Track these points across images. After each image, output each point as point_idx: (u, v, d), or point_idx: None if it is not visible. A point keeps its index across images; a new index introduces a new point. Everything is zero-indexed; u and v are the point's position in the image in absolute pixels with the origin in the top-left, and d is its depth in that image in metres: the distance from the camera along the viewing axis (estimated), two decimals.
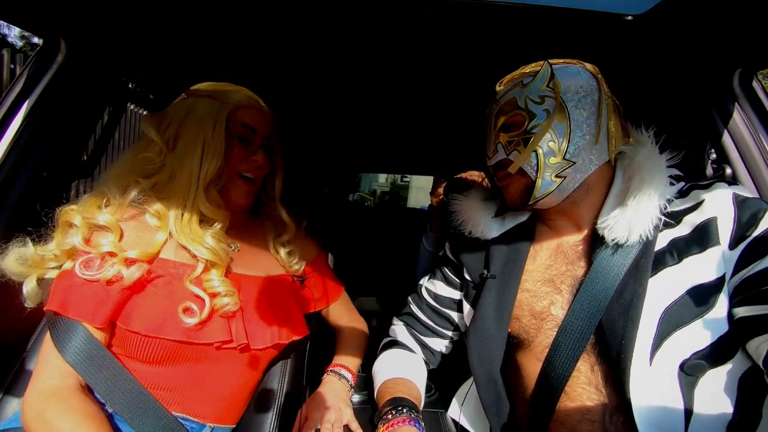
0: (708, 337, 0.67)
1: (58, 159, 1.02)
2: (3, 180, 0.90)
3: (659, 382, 0.67)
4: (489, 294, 0.86)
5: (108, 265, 0.75)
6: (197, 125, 0.84)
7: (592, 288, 0.75)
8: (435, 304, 1.01)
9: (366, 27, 0.94)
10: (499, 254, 0.89)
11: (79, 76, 1.02)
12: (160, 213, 0.83)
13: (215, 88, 0.91)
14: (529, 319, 0.82)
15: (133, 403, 0.74)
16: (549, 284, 0.83)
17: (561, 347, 0.75)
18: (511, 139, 0.81)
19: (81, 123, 1.08)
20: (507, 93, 0.83)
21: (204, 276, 0.81)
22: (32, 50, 1.65)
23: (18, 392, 0.84)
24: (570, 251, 0.84)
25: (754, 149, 0.96)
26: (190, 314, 0.78)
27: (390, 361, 0.98)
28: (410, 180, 12.88)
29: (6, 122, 0.92)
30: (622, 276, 0.74)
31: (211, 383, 0.83)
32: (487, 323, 0.84)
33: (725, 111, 1.00)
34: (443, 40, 0.97)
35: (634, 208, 0.74)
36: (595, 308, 0.74)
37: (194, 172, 0.82)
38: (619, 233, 0.74)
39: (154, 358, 0.77)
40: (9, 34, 6.64)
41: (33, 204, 0.93)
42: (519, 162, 0.79)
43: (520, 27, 0.89)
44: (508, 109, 0.82)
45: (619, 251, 0.75)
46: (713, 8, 0.75)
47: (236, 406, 0.89)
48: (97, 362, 0.74)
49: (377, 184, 13.46)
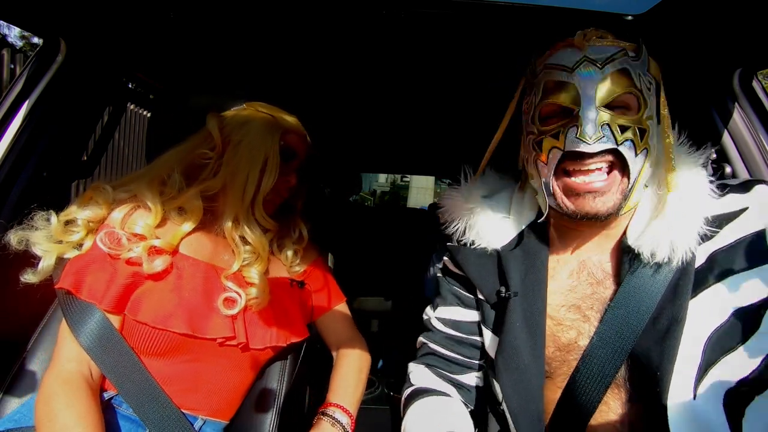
0: (755, 363, 0.59)
1: (58, 159, 1.02)
2: (3, 180, 0.90)
3: (704, 417, 0.58)
4: (514, 316, 0.71)
5: (132, 246, 0.78)
6: (259, 138, 0.88)
7: (622, 312, 0.65)
8: (456, 333, 0.84)
9: (366, 27, 0.94)
10: (515, 266, 0.75)
11: (79, 76, 1.02)
12: (190, 207, 0.84)
13: (267, 108, 0.96)
14: (553, 351, 0.71)
15: (141, 391, 0.76)
16: (575, 311, 0.71)
17: (582, 378, 0.66)
18: (626, 124, 0.63)
19: (81, 123, 1.08)
20: (614, 59, 0.64)
21: (244, 269, 0.87)
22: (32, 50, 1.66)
23: (18, 392, 0.84)
24: (596, 269, 0.72)
25: (754, 149, 0.96)
26: (230, 305, 0.82)
27: (424, 417, 0.76)
28: (410, 180, 12.88)
29: (6, 122, 0.92)
30: (658, 299, 0.64)
31: (208, 379, 0.84)
32: (519, 352, 0.70)
33: (725, 111, 1.00)
34: (443, 40, 0.97)
35: (678, 221, 0.64)
36: (626, 336, 0.64)
37: (252, 181, 0.85)
38: (661, 250, 0.64)
39: (158, 350, 0.78)
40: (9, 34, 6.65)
41: (33, 204, 0.94)
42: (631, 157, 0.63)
43: (520, 27, 0.89)
44: (619, 83, 0.64)
45: (655, 270, 0.65)
46: (713, 8, 0.75)
47: (231, 402, 0.89)
48: (110, 347, 0.75)
49: (377, 184, 13.47)
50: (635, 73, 0.65)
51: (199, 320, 0.80)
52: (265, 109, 0.95)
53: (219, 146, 0.89)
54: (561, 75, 0.66)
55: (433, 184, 12.00)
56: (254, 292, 0.85)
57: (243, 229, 0.86)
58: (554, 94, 0.67)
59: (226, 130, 0.90)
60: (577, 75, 0.65)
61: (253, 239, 0.87)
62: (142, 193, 0.82)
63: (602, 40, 0.67)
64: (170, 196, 0.85)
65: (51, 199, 0.98)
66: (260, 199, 0.87)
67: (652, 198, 0.70)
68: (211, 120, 0.91)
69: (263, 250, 0.89)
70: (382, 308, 2.18)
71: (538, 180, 0.71)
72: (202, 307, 0.81)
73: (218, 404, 0.86)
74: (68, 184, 1.10)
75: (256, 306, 0.86)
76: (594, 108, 0.63)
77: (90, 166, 1.20)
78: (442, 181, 4.51)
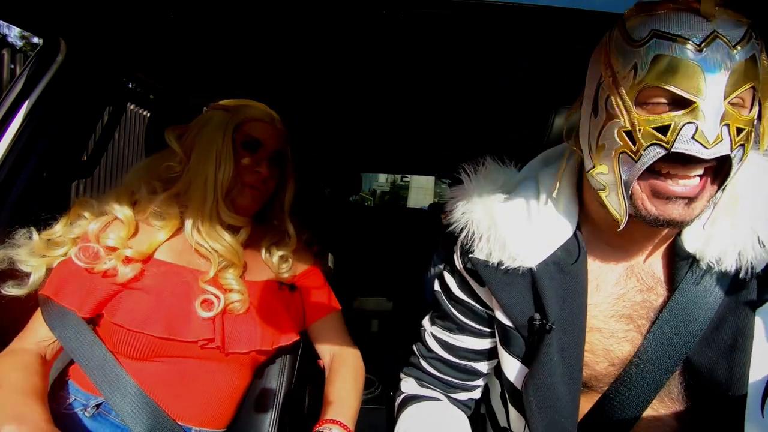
0: None
1: (58, 159, 1.02)
2: (3, 180, 0.90)
3: None
4: (550, 348, 0.63)
5: (106, 259, 0.80)
6: (210, 136, 0.88)
7: (677, 321, 0.59)
8: (453, 359, 0.76)
9: (366, 27, 0.94)
10: (551, 289, 0.63)
11: (79, 76, 1.02)
12: (167, 215, 0.86)
13: (232, 102, 0.95)
14: (606, 366, 0.64)
15: (128, 399, 0.76)
16: (626, 320, 0.63)
17: (626, 390, 0.61)
18: (742, 127, 0.50)
19: (81, 123, 1.08)
20: (747, 41, 0.50)
21: (220, 274, 0.86)
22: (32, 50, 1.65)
23: None
24: (645, 275, 0.64)
25: None
26: (208, 306, 0.82)
27: (419, 422, 0.72)
28: (410, 180, 12.88)
29: (6, 122, 0.92)
30: (717, 308, 0.58)
31: (195, 385, 0.83)
32: (555, 390, 0.63)
33: None
34: (443, 39, 0.97)
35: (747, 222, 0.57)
36: (680, 345, 0.59)
37: (210, 180, 0.86)
38: (728, 258, 0.57)
39: (137, 353, 0.79)
40: (9, 34, 6.65)
41: (33, 204, 0.94)
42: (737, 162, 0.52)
43: (520, 27, 0.89)
44: (748, 74, 0.50)
45: (714, 275, 0.59)
46: None
47: (224, 409, 0.87)
48: (81, 339, 0.77)
49: (377, 184, 13.47)
50: (760, 62, 0.51)
51: (177, 323, 0.79)
52: (226, 104, 0.95)
53: (183, 157, 0.90)
54: (684, 52, 0.49)
55: (433, 184, 12.00)
56: (233, 297, 0.85)
57: (204, 237, 0.85)
58: (670, 74, 0.50)
59: (186, 140, 0.91)
60: (706, 56, 0.49)
61: (219, 247, 0.86)
62: (111, 207, 0.83)
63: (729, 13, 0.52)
64: (141, 207, 0.86)
65: (51, 199, 0.99)
66: (220, 196, 0.86)
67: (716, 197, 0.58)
68: (169, 134, 0.91)
69: (233, 255, 0.87)
70: (382, 308, 2.18)
71: (614, 176, 0.56)
72: (180, 310, 0.81)
73: (210, 412, 0.85)
74: (68, 184, 1.10)
75: (237, 309, 0.85)
76: (721, 103, 0.49)
77: (90, 166, 1.20)
78: (442, 181, 4.51)
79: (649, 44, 0.51)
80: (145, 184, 0.88)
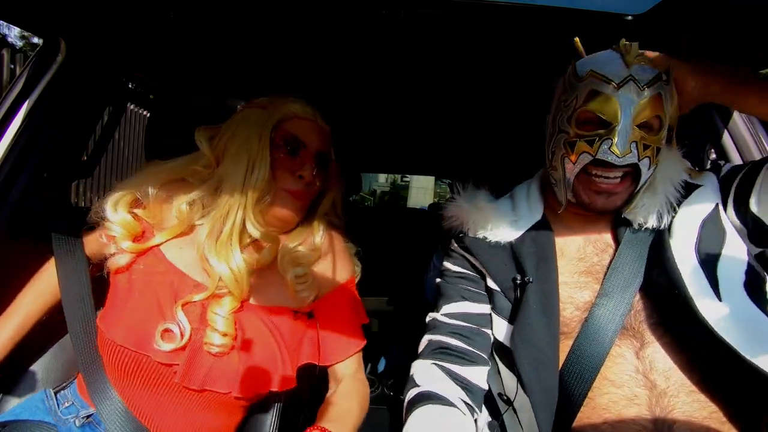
0: (744, 252, 0.72)
1: (58, 159, 1.02)
2: (3, 180, 0.90)
3: (736, 309, 0.68)
4: (531, 300, 0.78)
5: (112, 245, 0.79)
6: (244, 136, 0.79)
7: (621, 271, 0.77)
8: (466, 323, 0.85)
9: (366, 27, 0.94)
10: (527, 256, 0.83)
11: (79, 76, 1.02)
12: (175, 219, 0.80)
13: (270, 99, 0.87)
14: (572, 311, 0.80)
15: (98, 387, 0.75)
16: (586, 275, 0.81)
17: (592, 327, 0.74)
18: (648, 144, 0.72)
19: (81, 123, 1.08)
20: (653, 84, 0.72)
21: (213, 302, 0.74)
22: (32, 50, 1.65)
23: (18, 392, 0.85)
24: (598, 242, 0.84)
25: (754, 149, 0.96)
26: (169, 338, 0.71)
27: (426, 427, 0.75)
28: (410, 180, 12.87)
29: (6, 122, 0.92)
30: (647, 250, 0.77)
31: (172, 419, 0.75)
32: (535, 330, 0.76)
33: (725, 111, 1.00)
34: (443, 40, 0.97)
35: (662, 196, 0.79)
36: (627, 290, 0.75)
37: (238, 184, 0.76)
38: (651, 220, 0.78)
39: (114, 364, 0.73)
40: (9, 34, 6.66)
41: (33, 204, 0.94)
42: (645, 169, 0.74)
43: (520, 27, 0.89)
44: (652, 107, 0.72)
45: (644, 233, 0.79)
46: (713, 8, 0.75)
47: None
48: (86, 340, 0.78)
49: (377, 184, 13.45)
50: (665, 100, 0.73)
51: (143, 334, 0.71)
52: (262, 100, 0.87)
53: (212, 161, 0.82)
54: (606, 88, 0.72)
55: (433, 184, 12.00)
56: (213, 338, 0.72)
57: (215, 252, 0.74)
58: (596, 103, 0.73)
59: (219, 142, 0.82)
60: (621, 93, 0.71)
61: (223, 270, 0.73)
62: (104, 210, 0.79)
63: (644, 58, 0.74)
64: (151, 210, 0.81)
65: (51, 199, 0.99)
66: (251, 204, 0.76)
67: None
68: (200, 134, 0.83)
69: (234, 285, 0.74)
70: (382, 308, 2.17)
71: (560, 173, 0.80)
72: (151, 320, 0.72)
73: None
74: (68, 184, 1.10)
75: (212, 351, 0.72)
76: (630, 126, 0.71)
77: (90, 166, 1.21)
78: (442, 181, 4.51)
79: (586, 81, 0.74)
80: (154, 189, 0.81)
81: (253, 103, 0.88)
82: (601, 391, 0.72)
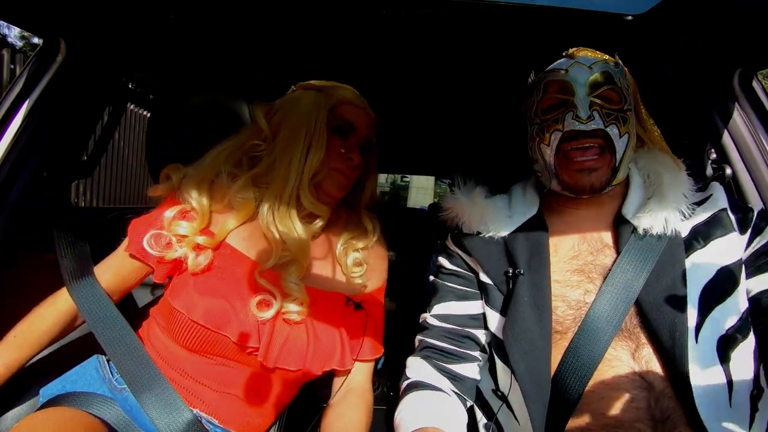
0: (738, 312, 0.73)
1: (58, 159, 1.02)
2: (3, 180, 0.90)
3: (705, 359, 0.70)
4: (522, 292, 0.80)
5: (177, 246, 0.79)
6: (302, 116, 0.84)
7: (624, 274, 0.77)
8: (451, 326, 0.89)
9: (366, 27, 0.94)
10: (520, 250, 0.84)
11: (79, 76, 1.02)
12: (243, 200, 0.82)
13: (323, 83, 0.91)
14: (565, 309, 0.80)
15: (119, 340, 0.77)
16: (579, 273, 0.82)
17: (588, 329, 0.75)
18: (610, 111, 0.78)
19: (81, 123, 1.08)
20: (598, 63, 0.80)
21: (282, 273, 0.79)
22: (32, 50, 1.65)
23: (20, 393, 0.84)
24: (594, 241, 0.84)
25: (754, 149, 0.96)
26: (263, 307, 0.76)
27: (416, 406, 0.81)
28: (410, 180, 12.87)
29: (6, 122, 0.92)
30: (655, 262, 0.77)
31: (236, 390, 0.79)
32: (527, 322, 0.78)
33: (725, 111, 1.00)
34: (443, 40, 0.97)
35: (670, 201, 0.80)
36: (628, 293, 0.76)
37: (295, 161, 0.81)
38: (657, 224, 0.78)
39: (186, 341, 0.77)
40: (9, 34, 6.66)
41: (33, 204, 0.94)
42: (617, 138, 0.78)
43: (520, 27, 0.89)
44: (604, 80, 0.79)
45: (651, 239, 0.79)
46: (713, 8, 0.75)
47: (263, 419, 0.84)
48: None
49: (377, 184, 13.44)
50: (616, 77, 0.80)
51: (221, 315, 0.75)
52: (317, 84, 0.91)
53: (269, 135, 0.86)
54: (558, 75, 0.82)
55: (433, 184, 12.00)
56: (290, 306, 0.78)
57: (277, 221, 0.80)
58: (553, 90, 0.82)
59: (274, 118, 0.87)
60: (570, 73, 0.81)
61: (288, 235, 0.79)
62: (189, 195, 0.81)
63: (588, 52, 0.83)
64: (218, 194, 0.83)
65: (51, 199, 0.99)
66: (306, 180, 0.81)
67: (646, 183, 0.85)
68: (257, 110, 0.88)
69: (298, 249, 0.80)
70: None
71: (542, 161, 0.84)
72: (226, 302, 0.76)
73: (252, 420, 0.82)
74: (68, 184, 1.10)
75: (292, 320, 0.78)
76: (585, 95, 0.79)
77: (90, 166, 1.21)
78: (442, 181, 4.51)
79: (541, 79, 0.85)
80: (227, 169, 0.84)
81: (307, 84, 0.92)
82: (598, 395, 0.73)
